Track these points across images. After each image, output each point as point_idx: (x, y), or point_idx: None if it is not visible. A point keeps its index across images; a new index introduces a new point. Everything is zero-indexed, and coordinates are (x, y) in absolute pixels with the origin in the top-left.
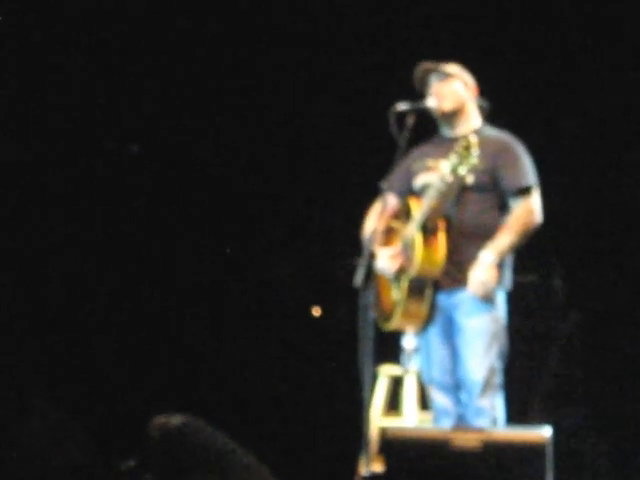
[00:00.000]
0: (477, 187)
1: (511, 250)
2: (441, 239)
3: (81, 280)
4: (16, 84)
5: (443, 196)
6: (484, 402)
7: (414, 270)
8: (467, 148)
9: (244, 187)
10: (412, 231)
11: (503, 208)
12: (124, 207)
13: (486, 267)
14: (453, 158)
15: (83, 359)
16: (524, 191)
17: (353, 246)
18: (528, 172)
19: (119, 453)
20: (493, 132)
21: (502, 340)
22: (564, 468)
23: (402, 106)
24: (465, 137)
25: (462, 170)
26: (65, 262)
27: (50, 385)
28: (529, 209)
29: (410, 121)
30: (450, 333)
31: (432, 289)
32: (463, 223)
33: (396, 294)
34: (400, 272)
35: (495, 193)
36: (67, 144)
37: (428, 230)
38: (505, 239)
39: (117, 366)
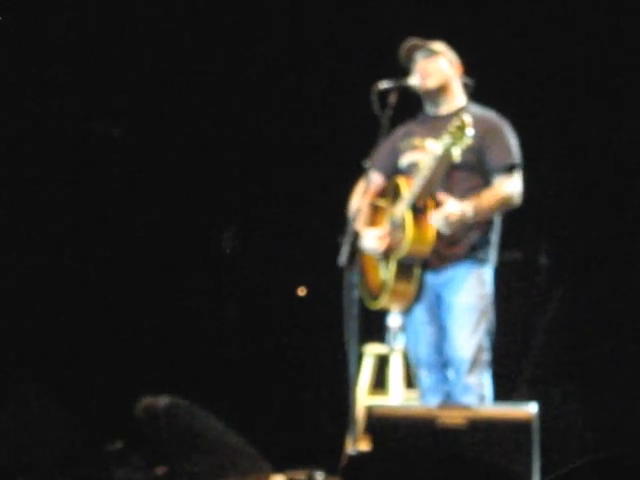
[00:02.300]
0: (464, 166)
1: (486, 215)
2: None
3: (65, 262)
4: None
5: (434, 175)
6: (472, 379)
7: (404, 250)
8: (461, 128)
9: (229, 166)
10: (402, 210)
11: (490, 186)
12: (108, 189)
13: (459, 211)
14: (446, 138)
15: (69, 342)
16: (509, 169)
17: (338, 225)
18: (513, 151)
19: (106, 435)
20: (479, 110)
21: (490, 317)
22: (550, 445)
23: (385, 84)
24: (458, 117)
25: (456, 150)
26: (47, 243)
27: (36, 369)
28: (512, 188)
29: (393, 99)
30: (437, 311)
31: (420, 268)
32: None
33: (384, 274)
34: (388, 252)
35: (481, 172)
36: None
37: (418, 209)
38: (487, 202)
39: (103, 348)
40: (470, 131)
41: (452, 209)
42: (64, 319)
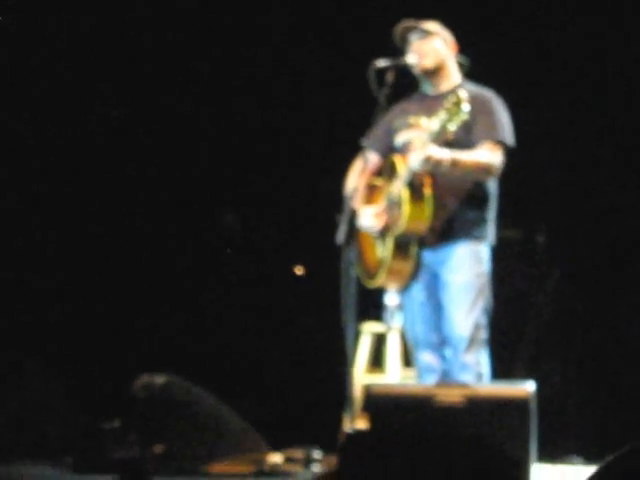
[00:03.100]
0: (455, 143)
1: (463, 172)
2: (427, 195)
3: (67, 244)
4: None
5: None
6: (469, 357)
7: (401, 227)
8: (457, 104)
9: (228, 147)
10: (398, 188)
11: None
12: (110, 174)
13: (439, 155)
14: (442, 114)
15: (67, 322)
16: (493, 143)
17: (334, 203)
18: (500, 127)
19: (104, 413)
20: (473, 88)
21: (487, 295)
22: (548, 423)
23: (382, 62)
24: (454, 93)
25: (452, 126)
26: (47, 227)
27: (34, 349)
28: (494, 158)
29: (390, 78)
30: (434, 290)
31: (417, 246)
32: (447, 179)
33: (381, 252)
34: (385, 230)
35: (471, 148)
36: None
37: (415, 187)
38: (467, 159)
39: (101, 327)
40: (466, 106)
41: (433, 152)
42: (62, 299)
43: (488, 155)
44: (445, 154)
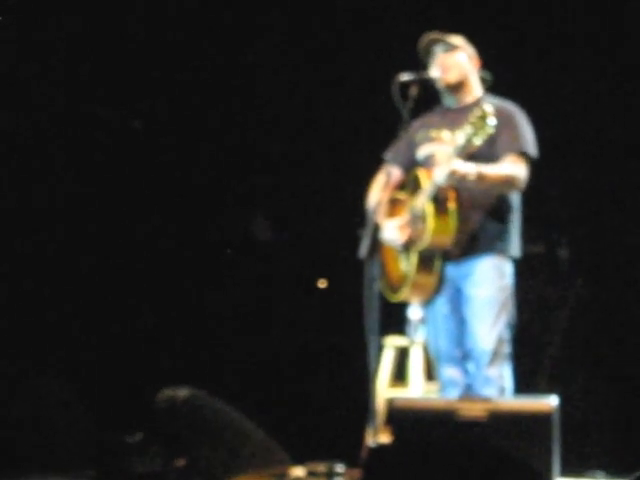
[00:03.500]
0: (478, 155)
1: (488, 186)
2: (452, 209)
3: (86, 255)
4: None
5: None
6: (492, 371)
7: (426, 241)
8: (483, 118)
9: (251, 158)
10: (422, 202)
11: None
12: (126, 183)
13: (464, 170)
14: (468, 128)
15: (91, 334)
16: (517, 154)
17: (358, 217)
18: (524, 140)
19: (126, 427)
20: (496, 101)
21: (510, 309)
22: (571, 437)
23: (406, 76)
24: (479, 107)
25: (477, 140)
26: (67, 236)
27: (57, 361)
28: (518, 170)
29: (413, 92)
30: (458, 303)
31: (441, 260)
32: (470, 193)
33: (405, 266)
34: (409, 243)
35: (494, 161)
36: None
37: (439, 201)
38: (492, 173)
39: (125, 340)
40: (492, 120)
41: (458, 166)
42: (85, 311)
43: (512, 168)
44: (470, 168)
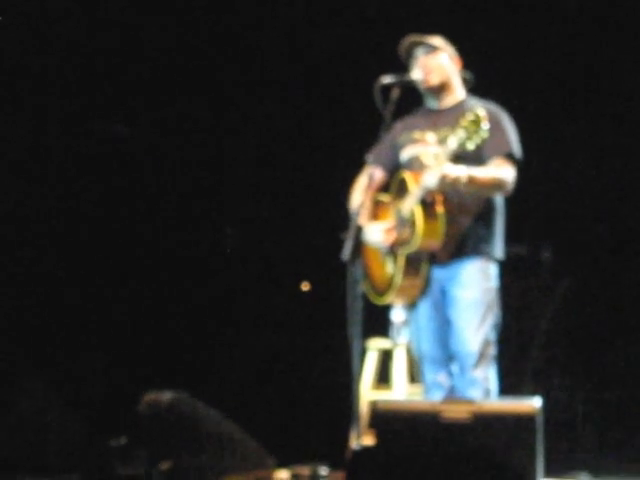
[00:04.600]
0: (467, 158)
1: (478, 189)
2: (440, 213)
3: (74, 257)
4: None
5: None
6: (478, 373)
7: (415, 244)
8: (476, 122)
9: (231, 161)
10: (410, 205)
11: None
12: (114, 188)
13: (454, 173)
14: (460, 132)
15: (73, 338)
16: (504, 157)
17: (340, 219)
18: (511, 141)
19: (110, 430)
20: (478, 103)
21: (495, 311)
22: (555, 438)
23: (387, 79)
24: (472, 111)
25: (470, 145)
26: (55, 239)
27: (40, 365)
28: (507, 172)
29: (395, 94)
30: (441, 305)
31: (428, 263)
32: (458, 196)
33: (391, 269)
34: (395, 246)
35: (481, 163)
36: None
37: (427, 204)
38: (482, 175)
39: (107, 344)
40: (486, 125)
41: (449, 170)
42: (69, 315)
43: (501, 171)
44: (461, 171)
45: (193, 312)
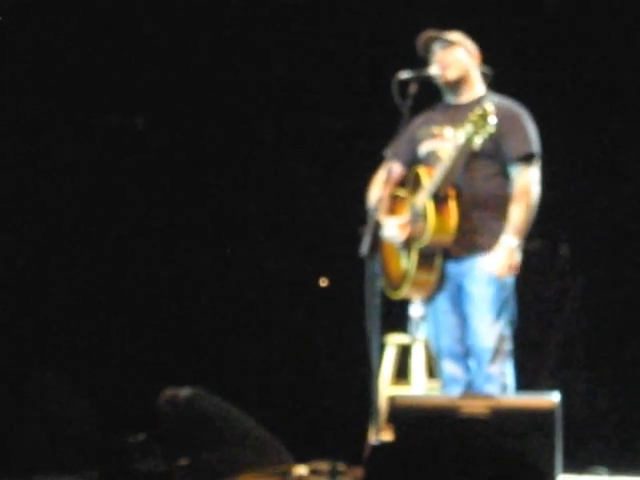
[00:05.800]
0: (483, 154)
1: (529, 226)
2: (452, 207)
3: (88, 255)
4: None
5: (455, 164)
6: (494, 369)
7: (426, 239)
8: (483, 116)
9: (250, 156)
10: (423, 200)
11: (507, 175)
12: (128, 183)
13: (511, 251)
14: (468, 127)
15: (93, 334)
16: (527, 158)
17: (358, 214)
18: (532, 140)
19: (129, 427)
20: (498, 99)
21: (511, 307)
22: (573, 433)
23: (405, 74)
24: (480, 105)
25: (478, 139)
26: (69, 236)
27: (58, 360)
28: (532, 180)
29: (413, 89)
30: (458, 301)
31: (442, 258)
32: (471, 191)
33: (405, 263)
34: (409, 241)
35: (499, 159)
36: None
37: (439, 199)
38: (520, 217)
39: (126, 340)
40: (492, 119)
41: (500, 255)
42: (89, 311)
43: (525, 181)
44: (510, 242)
45: (212, 307)
